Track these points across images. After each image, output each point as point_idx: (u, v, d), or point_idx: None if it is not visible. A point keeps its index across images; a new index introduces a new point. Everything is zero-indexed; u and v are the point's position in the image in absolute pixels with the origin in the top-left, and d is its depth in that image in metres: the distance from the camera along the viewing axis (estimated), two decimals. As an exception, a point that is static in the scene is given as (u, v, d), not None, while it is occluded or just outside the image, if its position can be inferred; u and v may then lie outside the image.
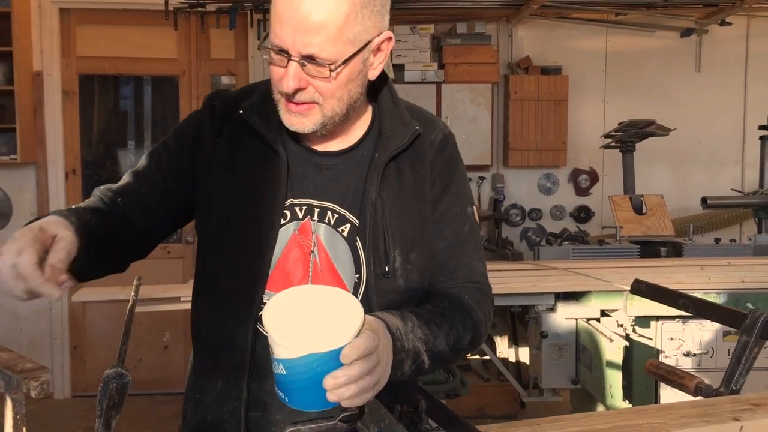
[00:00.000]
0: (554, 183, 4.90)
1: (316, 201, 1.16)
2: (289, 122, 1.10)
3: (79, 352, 4.67)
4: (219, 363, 1.15)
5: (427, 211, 1.19)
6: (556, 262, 3.57)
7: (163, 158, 1.23)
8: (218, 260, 1.17)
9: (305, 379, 0.87)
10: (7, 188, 4.49)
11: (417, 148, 1.20)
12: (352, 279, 1.15)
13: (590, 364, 3.14)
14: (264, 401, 1.14)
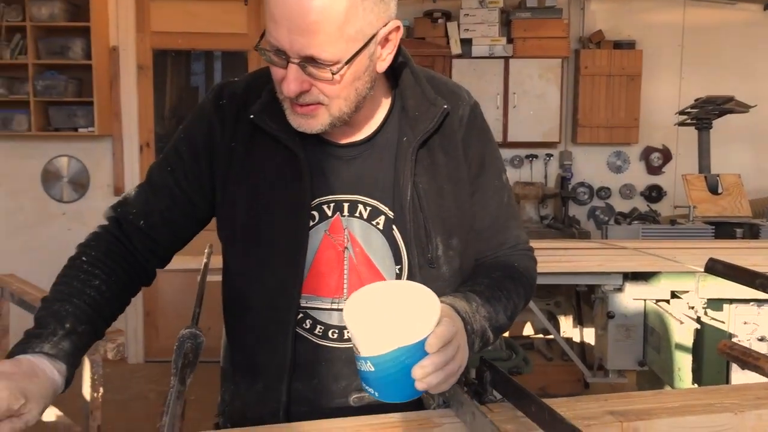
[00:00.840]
0: (624, 161, 4.78)
1: (344, 195, 1.12)
2: (296, 124, 1.05)
3: (151, 319, 4.84)
4: (257, 365, 1.14)
5: (464, 194, 1.15)
6: (626, 242, 3.49)
7: (178, 169, 1.16)
8: (249, 272, 1.13)
9: (394, 373, 0.89)
10: (85, 160, 4.65)
11: (446, 127, 1.14)
12: (393, 271, 1.12)
13: (658, 346, 3.07)
14: (309, 398, 1.13)
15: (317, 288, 1.11)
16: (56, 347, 0.97)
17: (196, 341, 0.92)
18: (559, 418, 0.89)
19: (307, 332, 1.12)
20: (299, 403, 1.13)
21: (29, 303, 2.33)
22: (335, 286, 1.11)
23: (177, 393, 0.76)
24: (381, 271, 1.12)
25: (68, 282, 1.07)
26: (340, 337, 1.12)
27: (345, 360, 1.12)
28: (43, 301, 1.05)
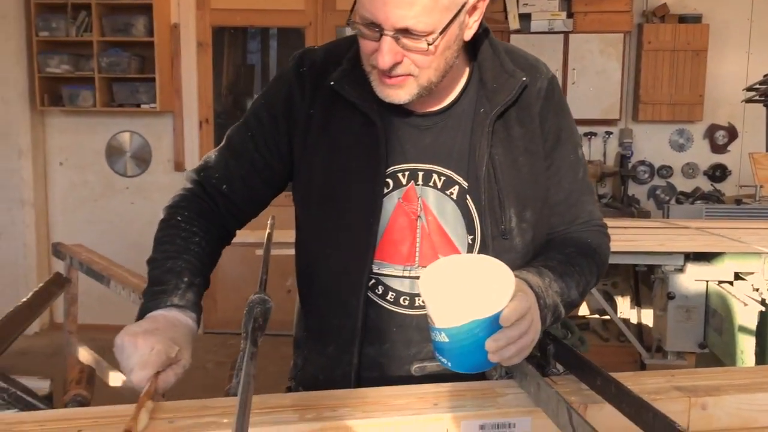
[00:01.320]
0: (688, 139, 4.65)
1: (419, 164, 1.13)
2: (384, 95, 1.06)
3: (210, 292, 4.91)
4: (330, 329, 1.16)
5: (539, 167, 1.15)
6: (688, 221, 3.41)
7: (258, 135, 1.19)
8: (324, 235, 1.15)
9: (468, 345, 0.91)
10: (147, 135, 4.76)
11: (524, 100, 1.14)
12: (465, 241, 1.13)
13: (720, 328, 3.01)
14: (380, 363, 1.15)
15: (389, 255, 1.13)
16: (183, 299, 1.05)
17: (265, 306, 0.94)
18: (626, 390, 0.89)
19: (379, 298, 1.14)
20: (369, 368, 1.15)
21: (97, 272, 2.41)
22: (407, 254, 1.12)
23: (250, 354, 0.78)
24: (453, 241, 1.13)
25: (171, 241, 1.13)
26: (411, 304, 1.14)
27: (416, 327, 1.14)
28: (152, 262, 1.10)
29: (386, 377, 1.13)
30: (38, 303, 1.12)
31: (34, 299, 1.11)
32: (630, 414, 0.87)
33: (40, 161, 4.73)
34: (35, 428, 0.84)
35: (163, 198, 4.77)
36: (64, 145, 4.78)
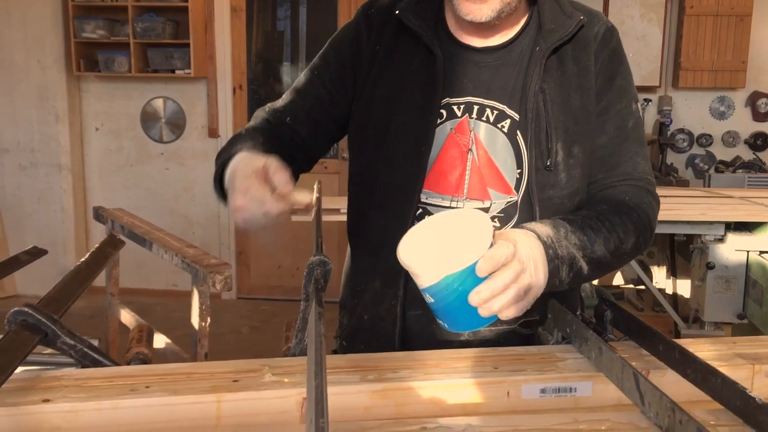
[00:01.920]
0: (729, 107, 4.55)
1: (474, 98, 1.15)
2: (466, 10, 1.08)
3: (243, 258, 5.00)
4: (377, 262, 1.18)
5: (591, 105, 1.15)
6: (730, 190, 3.35)
7: (324, 73, 1.24)
8: (376, 163, 1.18)
9: (452, 301, 0.87)
10: (181, 101, 4.78)
11: (580, 39, 1.15)
12: (513, 174, 1.14)
13: (760, 299, 2.97)
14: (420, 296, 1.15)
15: (438, 185, 1.15)
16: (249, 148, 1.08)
17: (325, 268, 0.94)
18: (691, 356, 0.88)
19: None
20: (414, 305, 1.16)
21: (139, 236, 2.44)
22: (456, 185, 1.14)
23: (318, 314, 0.78)
24: (503, 174, 1.14)
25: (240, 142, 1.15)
26: None
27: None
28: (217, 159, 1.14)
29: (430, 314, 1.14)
30: (96, 263, 1.14)
31: (92, 259, 1.12)
32: (696, 380, 0.86)
33: (76, 126, 4.78)
34: (104, 384, 0.86)
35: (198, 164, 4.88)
36: (99, 111, 4.82)
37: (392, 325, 1.18)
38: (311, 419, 0.57)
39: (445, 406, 0.89)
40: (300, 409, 0.86)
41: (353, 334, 1.26)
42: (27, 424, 0.79)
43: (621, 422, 0.80)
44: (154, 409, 0.82)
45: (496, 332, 1.18)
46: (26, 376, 0.87)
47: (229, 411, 0.84)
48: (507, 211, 1.15)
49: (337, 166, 4.87)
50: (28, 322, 0.87)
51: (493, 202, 1.15)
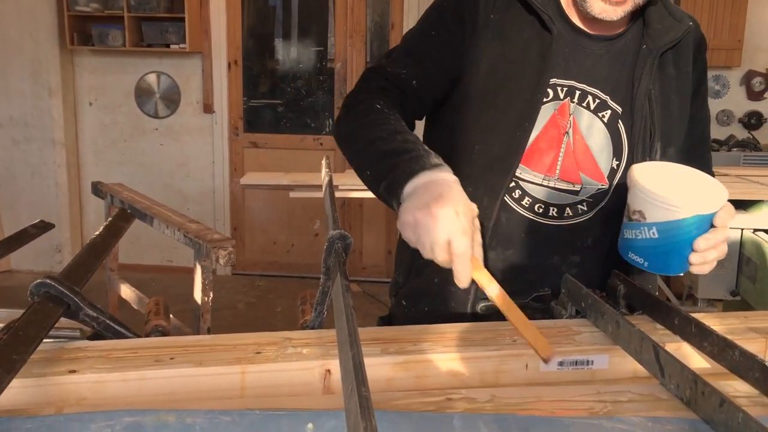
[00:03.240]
0: (724, 85, 4.56)
1: (578, 83, 1.16)
2: (599, 10, 1.10)
3: (238, 234, 4.99)
4: None
5: (686, 109, 1.21)
6: (725, 169, 3.38)
7: (437, 35, 1.19)
8: (475, 130, 1.17)
9: (678, 242, 0.95)
10: (176, 76, 4.74)
11: (681, 45, 1.19)
12: (609, 165, 1.18)
13: (754, 277, 3.00)
14: (499, 269, 1.18)
15: (533, 161, 1.16)
16: (438, 158, 0.97)
17: (345, 242, 0.94)
18: (707, 329, 0.89)
19: (514, 202, 1.18)
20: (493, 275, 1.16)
21: (140, 211, 2.43)
22: (550, 164, 1.16)
23: (345, 287, 0.79)
24: (598, 162, 1.17)
25: (385, 120, 1.08)
26: (545, 213, 1.18)
27: (543, 236, 1.18)
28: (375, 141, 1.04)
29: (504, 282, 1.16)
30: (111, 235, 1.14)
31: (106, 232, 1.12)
32: (712, 353, 0.88)
33: (69, 101, 4.73)
34: (128, 355, 0.86)
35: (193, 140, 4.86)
36: (93, 85, 4.78)
37: (466, 291, 1.18)
38: (351, 388, 0.58)
39: (465, 378, 0.90)
40: (323, 381, 0.87)
41: (417, 295, 1.27)
42: (54, 395, 0.79)
43: (641, 394, 0.81)
44: (180, 380, 0.83)
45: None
46: (50, 347, 0.87)
47: (253, 382, 0.85)
48: (596, 197, 1.19)
49: (331, 142, 4.87)
50: (50, 293, 0.87)
51: (584, 186, 1.18)
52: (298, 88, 5.00)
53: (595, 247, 1.21)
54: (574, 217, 1.20)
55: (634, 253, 1.01)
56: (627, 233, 1.02)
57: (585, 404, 0.78)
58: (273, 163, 4.79)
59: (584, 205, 1.19)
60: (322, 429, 0.67)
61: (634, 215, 1.00)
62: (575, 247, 1.21)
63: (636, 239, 0.99)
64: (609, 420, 0.73)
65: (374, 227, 4.95)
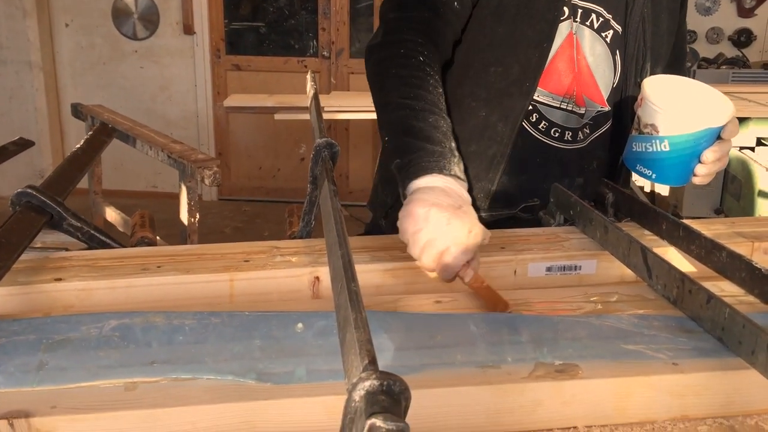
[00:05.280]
0: (714, 2, 4.48)
1: (580, 2, 1.12)
2: None
3: (223, 159, 4.95)
4: (467, 153, 1.13)
5: (673, 26, 1.20)
6: (714, 86, 3.35)
7: None
8: (491, 50, 1.12)
9: (687, 155, 0.98)
10: (154, -4, 4.60)
11: None
12: (609, 86, 1.16)
13: (738, 194, 3.03)
14: (510, 193, 1.16)
15: (551, 83, 1.13)
16: (459, 167, 0.94)
17: (332, 150, 0.93)
18: (695, 233, 0.89)
19: (531, 126, 1.15)
20: (500, 199, 1.16)
21: (122, 132, 2.39)
22: (568, 86, 1.13)
23: (332, 192, 0.78)
24: (598, 82, 1.15)
25: (423, 86, 1.01)
26: (561, 137, 1.16)
27: (557, 159, 1.16)
28: (405, 108, 0.99)
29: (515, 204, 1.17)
30: (92, 149, 1.11)
31: (87, 146, 1.10)
32: (699, 256, 0.88)
33: (45, 22, 4.58)
34: (115, 264, 0.85)
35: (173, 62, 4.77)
36: (68, 6, 4.62)
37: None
38: (341, 285, 0.57)
39: (454, 284, 0.90)
40: (312, 288, 0.87)
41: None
42: (40, 302, 0.79)
43: (629, 294, 0.82)
44: (168, 288, 0.83)
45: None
46: (35, 257, 0.86)
47: (242, 289, 0.85)
48: (597, 120, 1.17)
49: (316, 64, 4.77)
50: (32, 203, 0.86)
51: (587, 109, 1.15)
52: (281, 8, 4.86)
53: (598, 170, 1.21)
54: (583, 141, 1.18)
55: (642, 166, 1.03)
56: (636, 146, 1.03)
57: (573, 305, 0.79)
58: (256, 87, 4.70)
59: (587, 128, 1.17)
60: (311, 328, 0.67)
61: (645, 128, 1.01)
62: (582, 170, 1.19)
63: (646, 152, 1.01)
64: (597, 318, 0.73)
65: (361, 151, 4.92)
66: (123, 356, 0.62)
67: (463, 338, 0.68)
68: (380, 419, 0.37)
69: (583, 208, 1.01)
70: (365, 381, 0.39)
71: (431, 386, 0.62)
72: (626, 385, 0.63)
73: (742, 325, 0.66)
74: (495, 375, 0.63)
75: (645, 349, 0.67)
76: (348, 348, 0.48)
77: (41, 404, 0.57)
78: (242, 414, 0.59)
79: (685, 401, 0.64)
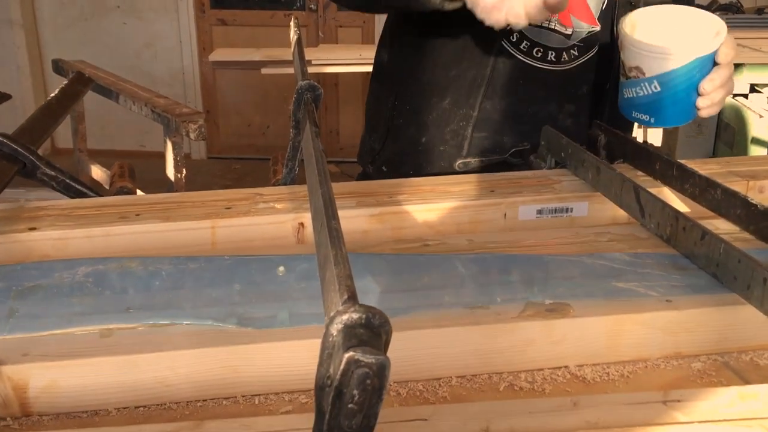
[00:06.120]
0: (708, -53, 4.39)
1: None
2: None
3: (211, 117, 4.88)
4: (448, 79, 1.13)
5: None
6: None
7: None
8: None
9: (681, 90, 0.92)
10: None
11: None
12: (599, 6, 1.11)
13: (731, 142, 3.00)
14: (494, 120, 1.14)
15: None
16: None
17: (315, 93, 0.89)
18: (689, 170, 0.87)
19: (511, 45, 1.11)
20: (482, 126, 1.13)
21: (105, 87, 2.34)
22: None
23: (314, 132, 0.75)
24: (588, 2, 1.10)
25: None
26: (543, 57, 1.12)
27: (541, 81, 1.12)
28: None
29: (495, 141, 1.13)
30: (67, 98, 1.08)
31: (62, 95, 1.06)
32: (693, 194, 0.86)
33: (23, -23, 4.48)
34: (92, 213, 0.82)
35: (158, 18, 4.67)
36: (46, -40, 4.51)
37: (458, 148, 1.15)
38: (321, 223, 0.55)
39: (442, 228, 0.88)
40: (296, 234, 0.85)
41: (399, 158, 1.22)
42: (14, 252, 0.76)
43: (621, 234, 0.80)
44: (147, 236, 0.80)
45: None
46: (7, 207, 0.83)
47: (224, 237, 0.82)
48: (587, 42, 1.13)
49: (303, 18, 4.68)
50: (2, 151, 0.83)
51: (575, 29, 1.11)
52: (266, -41, 4.76)
53: (590, 96, 1.18)
54: (570, 62, 1.14)
55: (637, 112, 0.98)
56: (627, 92, 0.98)
57: (564, 246, 0.77)
58: (243, 42, 4.61)
59: (575, 50, 1.13)
60: (293, 272, 0.65)
61: (631, 72, 0.96)
62: (570, 94, 1.16)
63: (638, 96, 0.96)
64: (589, 257, 0.71)
65: (351, 107, 4.86)
66: (98, 303, 0.60)
67: (450, 279, 0.66)
68: (359, 352, 0.35)
69: (575, 149, 0.98)
70: (343, 314, 0.37)
71: (419, 327, 0.60)
72: (618, 323, 0.61)
73: (737, 260, 0.64)
74: (484, 315, 0.61)
75: (637, 287, 0.65)
76: (328, 285, 0.46)
77: (12, 352, 0.55)
78: (223, 358, 0.57)
79: (679, 338, 0.62)
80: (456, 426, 0.48)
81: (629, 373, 0.60)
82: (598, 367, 0.61)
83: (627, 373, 0.60)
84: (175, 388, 0.56)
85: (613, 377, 0.60)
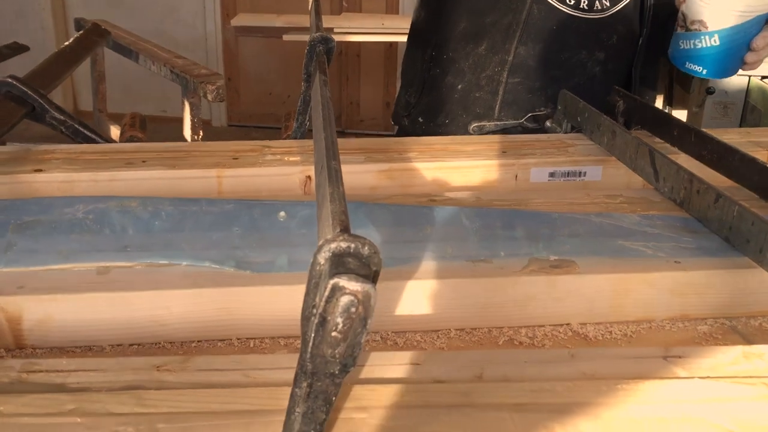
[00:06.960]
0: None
1: None
2: None
3: (233, 84, 4.87)
4: (483, 25, 1.15)
5: None
6: (738, 12, 3.22)
7: None
8: None
9: (736, 46, 0.99)
10: None
11: None
12: None
13: (758, 124, 2.94)
14: (528, 65, 1.15)
15: None
16: None
17: (328, 45, 0.88)
18: (708, 137, 0.85)
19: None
20: (517, 71, 1.14)
21: (125, 46, 2.33)
22: None
23: (323, 81, 0.73)
24: None
25: None
26: (576, 5, 1.13)
27: (573, 29, 1.14)
28: None
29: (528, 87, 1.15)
30: (82, 47, 1.07)
31: (76, 44, 1.05)
32: (711, 161, 0.83)
33: (50, -62, 4.47)
34: (98, 158, 0.82)
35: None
36: None
37: (493, 94, 1.16)
38: (322, 165, 0.54)
39: (451, 186, 0.87)
40: (303, 187, 0.84)
41: (436, 108, 1.22)
42: (19, 192, 0.76)
43: (634, 197, 0.78)
44: (153, 182, 0.80)
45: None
46: (15, 149, 0.83)
47: (230, 186, 0.82)
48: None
49: (328, -14, 4.63)
50: (12, 93, 0.82)
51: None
52: (292, -73, 4.70)
53: (619, 46, 1.18)
54: (603, 11, 1.15)
55: (692, 63, 1.03)
56: (684, 44, 1.04)
57: (574, 206, 0.75)
58: (267, 7, 4.58)
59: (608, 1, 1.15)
60: (294, 217, 0.64)
61: (693, 25, 1.01)
62: (601, 43, 1.17)
63: (695, 48, 1.02)
64: (597, 215, 0.69)
65: (372, 79, 4.82)
66: (96, 240, 0.59)
67: (454, 232, 0.65)
68: (344, 278, 0.34)
69: (592, 113, 0.96)
70: (331, 243, 0.36)
71: (419, 278, 0.59)
72: (624, 282, 0.60)
73: (751, 223, 0.62)
74: (486, 269, 0.60)
75: (645, 248, 0.63)
76: (323, 222, 0.45)
77: (7, 285, 0.55)
78: (219, 300, 0.56)
79: (686, 300, 0.61)
80: (449, 371, 0.47)
81: (633, 332, 0.59)
82: (600, 326, 0.60)
83: (630, 332, 0.59)
84: (170, 327, 0.56)
85: (616, 336, 0.59)
